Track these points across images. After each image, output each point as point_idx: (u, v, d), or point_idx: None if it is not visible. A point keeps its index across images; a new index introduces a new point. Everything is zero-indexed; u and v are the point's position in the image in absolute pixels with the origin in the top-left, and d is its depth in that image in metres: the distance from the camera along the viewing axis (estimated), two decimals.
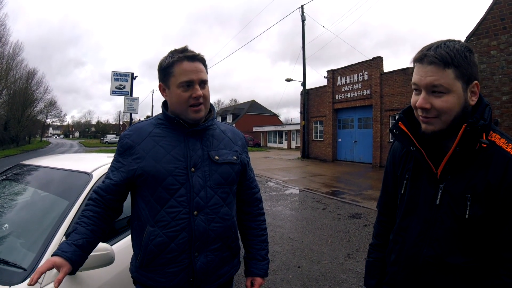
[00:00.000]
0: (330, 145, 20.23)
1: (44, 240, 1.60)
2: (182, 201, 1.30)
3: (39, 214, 1.96)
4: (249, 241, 1.57)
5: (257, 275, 1.52)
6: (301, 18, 20.90)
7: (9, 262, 1.49)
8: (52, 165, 2.42)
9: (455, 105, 1.04)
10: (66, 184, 2.08)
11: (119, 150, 1.38)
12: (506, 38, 5.91)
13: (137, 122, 1.46)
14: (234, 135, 1.53)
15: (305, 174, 13.99)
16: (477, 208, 1.04)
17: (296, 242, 5.09)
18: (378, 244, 1.41)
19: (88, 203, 1.34)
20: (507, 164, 1.02)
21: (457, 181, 1.08)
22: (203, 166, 1.35)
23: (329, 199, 8.57)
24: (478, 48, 6.28)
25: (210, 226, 1.34)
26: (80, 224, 1.27)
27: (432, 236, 1.12)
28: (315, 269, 4.06)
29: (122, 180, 1.33)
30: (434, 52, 1.03)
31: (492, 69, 6.13)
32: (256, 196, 1.61)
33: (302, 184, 11.03)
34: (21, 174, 2.44)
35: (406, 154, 1.26)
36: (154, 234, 1.29)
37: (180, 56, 1.31)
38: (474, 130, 1.02)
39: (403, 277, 1.21)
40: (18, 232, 1.83)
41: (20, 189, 2.27)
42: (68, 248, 1.19)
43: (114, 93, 13.58)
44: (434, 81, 1.02)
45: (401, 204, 1.25)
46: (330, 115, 20.22)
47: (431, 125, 1.08)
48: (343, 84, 19.20)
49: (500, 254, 1.05)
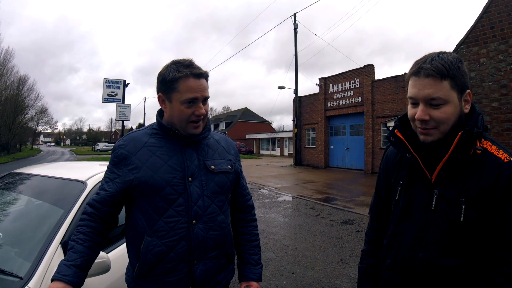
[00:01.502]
0: (322, 152, 20.38)
1: (40, 249, 1.60)
2: (181, 211, 1.31)
3: (34, 223, 1.95)
4: (243, 246, 1.59)
5: (251, 280, 1.54)
6: (294, 26, 21.19)
7: (5, 271, 1.49)
8: (46, 173, 2.40)
9: (452, 114, 1.08)
10: (60, 193, 2.07)
11: (114, 160, 1.36)
12: (495, 46, 6.07)
13: (130, 132, 1.45)
14: (227, 144, 1.55)
15: (298, 181, 14.04)
16: (471, 211, 1.08)
17: (289, 248, 5.11)
18: (371, 250, 1.43)
19: (82, 218, 1.31)
20: (499, 169, 1.06)
21: (451, 186, 1.12)
22: (200, 176, 1.36)
23: (322, 206, 8.62)
24: (468, 56, 6.43)
25: (208, 235, 1.35)
26: (77, 241, 1.25)
27: (427, 240, 1.15)
28: (309, 275, 4.08)
29: (118, 191, 1.32)
30: (430, 65, 1.05)
31: (481, 77, 6.28)
32: (249, 203, 1.64)
33: (295, 191, 11.07)
34: (15, 182, 2.42)
35: (399, 161, 1.29)
36: (152, 244, 1.28)
37: (186, 72, 1.29)
38: (469, 137, 1.07)
39: (399, 281, 1.23)
40: (13, 241, 1.81)
41: (14, 198, 2.25)
42: (68, 271, 1.18)
43: (106, 100, 13.50)
44: (432, 94, 1.05)
45: (395, 210, 1.27)
46: (322, 122, 20.40)
47: (430, 136, 1.11)
48: (335, 92, 19.44)
49: (492, 254, 1.09)
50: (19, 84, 39.78)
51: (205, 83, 1.35)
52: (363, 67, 17.60)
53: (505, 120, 5.95)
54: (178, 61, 1.35)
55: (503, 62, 5.90)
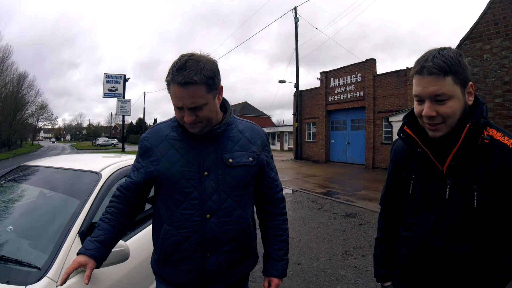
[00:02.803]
0: (323, 146, 20.42)
1: (57, 240, 1.60)
2: (195, 204, 1.33)
3: (50, 214, 1.96)
4: (267, 240, 1.56)
5: (273, 276, 1.51)
6: (294, 20, 21.08)
7: (22, 262, 1.49)
8: (57, 165, 2.41)
9: (458, 108, 1.13)
10: (75, 184, 2.08)
11: (139, 151, 1.45)
12: (499, 42, 6.10)
13: (156, 124, 1.50)
14: (252, 134, 1.48)
15: (299, 175, 14.11)
16: (483, 197, 1.15)
17: (294, 240, 5.19)
18: (383, 237, 1.52)
19: (111, 200, 1.42)
20: (506, 155, 1.13)
21: (462, 175, 1.18)
22: (216, 170, 1.35)
23: (324, 199, 8.69)
24: (472, 51, 6.46)
25: (223, 229, 1.35)
26: (103, 220, 1.35)
27: (443, 228, 1.21)
28: (315, 265, 4.16)
29: (142, 180, 1.40)
30: (432, 62, 1.09)
31: (485, 73, 6.32)
32: (277, 196, 1.56)
33: (296, 185, 11.13)
34: (26, 175, 2.41)
35: (409, 157, 1.34)
36: (169, 233, 1.35)
37: (174, 77, 1.22)
38: (477, 128, 1.12)
39: (417, 268, 1.30)
40: (31, 233, 1.82)
41: (26, 190, 2.25)
42: (91, 246, 1.27)
43: (106, 95, 13.44)
44: (437, 91, 1.10)
45: (410, 203, 1.34)
46: (323, 117, 20.41)
47: (438, 131, 1.16)
48: (336, 86, 19.42)
49: (502, 236, 1.17)
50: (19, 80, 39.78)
51: (193, 91, 1.22)
52: (364, 62, 17.55)
53: (508, 117, 6.01)
54: (177, 60, 1.26)
55: (507, 58, 5.93)
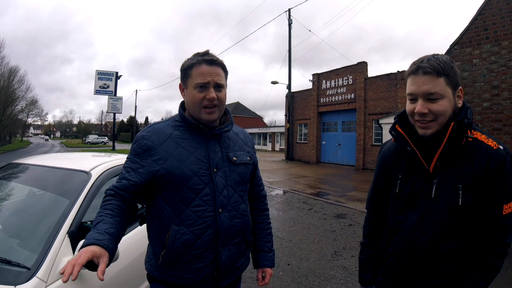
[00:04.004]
0: (314, 147, 20.53)
1: (47, 239, 1.58)
2: (207, 200, 1.35)
3: (39, 213, 1.93)
4: (257, 234, 1.66)
5: (266, 266, 1.63)
6: (288, 22, 21.15)
7: (12, 262, 1.47)
8: (47, 164, 2.36)
9: (448, 108, 1.20)
10: (65, 183, 2.04)
11: (137, 151, 1.38)
12: (488, 47, 6.22)
13: (153, 123, 1.48)
14: (245, 137, 1.62)
15: (290, 175, 14.16)
16: (468, 196, 1.20)
17: (284, 241, 5.21)
18: (369, 243, 1.54)
19: (107, 199, 1.31)
20: (489, 156, 1.19)
21: (448, 174, 1.24)
22: (223, 167, 1.42)
23: (314, 200, 8.74)
24: (461, 56, 6.58)
25: (233, 222, 1.41)
26: (106, 215, 1.23)
27: (428, 226, 1.26)
28: (304, 266, 4.18)
29: (143, 181, 1.34)
30: (428, 64, 1.18)
31: (474, 77, 6.44)
32: (262, 193, 1.73)
33: (287, 186, 11.17)
34: (16, 173, 2.36)
35: (397, 157, 1.40)
36: (180, 233, 1.32)
37: (199, 59, 1.37)
38: (461, 127, 1.18)
39: (401, 265, 1.34)
40: (19, 232, 1.79)
41: (15, 188, 2.21)
42: (102, 237, 1.13)
43: (98, 92, 13.33)
44: (431, 89, 1.17)
45: (396, 201, 1.38)
46: (314, 118, 20.53)
47: (429, 129, 1.22)
48: (328, 88, 19.56)
49: (485, 235, 1.21)
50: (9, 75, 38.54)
51: (218, 69, 1.40)
52: (356, 64, 17.72)
53: (496, 120, 6.14)
54: (197, 52, 1.43)
55: (496, 63, 6.06)
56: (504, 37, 5.98)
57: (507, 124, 6.00)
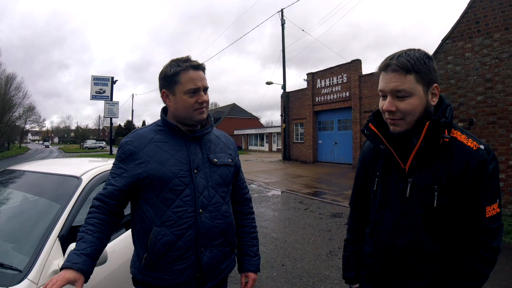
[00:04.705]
0: (310, 147, 20.52)
1: (38, 243, 1.64)
2: (188, 201, 1.38)
3: (31, 218, 1.99)
4: (241, 238, 1.66)
5: (250, 271, 1.62)
6: (281, 22, 21.14)
7: (4, 265, 1.52)
8: (41, 170, 2.43)
9: (418, 106, 1.16)
10: (56, 188, 2.11)
11: (121, 156, 1.43)
12: (480, 40, 6.18)
13: (136, 129, 1.52)
14: (227, 140, 1.65)
15: (287, 175, 14.13)
16: (444, 197, 1.16)
17: (279, 241, 5.16)
18: (352, 239, 1.53)
19: (91, 211, 1.36)
20: (468, 156, 1.14)
21: (424, 174, 1.20)
22: (204, 168, 1.45)
23: (311, 200, 8.73)
24: (453, 50, 6.54)
25: (214, 223, 1.43)
26: (86, 232, 1.29)
27: (405, 226, 1.22)
28: (299, 266, 4.15)
29: (126, 185, 1.38)
30: (396, 61, 1.14)
31: (467, 71, 6.40)
32: (246, 196, 1.73)
33: (284, 186, 11.16)
34: (11, 179, 2.44)
35: (375, 155, 1.38)
36: (161, 234, 1.34)
37: (186, 65, 1.42)
38: (437, 126, 1.13)
39: (381, 267, 1.30)
40: (11, 236, 1.85)
41: (11, 194, 2.28)
42: (78, 259, 1.20)
43: (94, 97, 13.38)
44: (398, 87, 1.14)
45: (374, 200, 1.35)
46: (310, 117, 20.53)
47: (398, 126, 1.19)
48: (322, 87, 19.57)
49: (467, 238, 1.16)
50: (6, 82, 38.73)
51: (203, 74, 1.46)
52: (350, 62, 17.75)
53: (490, 114, 6.08)
54: (176, 58, 1.47)
55: (488, 56, 6.01)
56: (495, 29, 5.94)
57: (502, 117, 5.96)
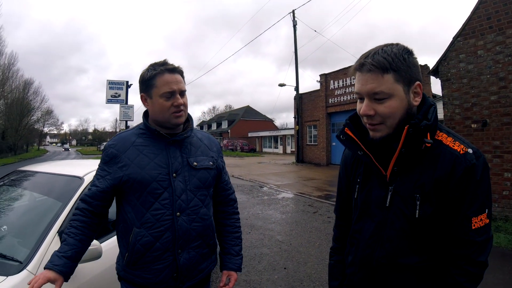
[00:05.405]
0: (324, 149, 20.33)
1: (38, 237, 1.79)
2: (166, 204, 1.42)
3: (35, 215, 2.15)
4: (224, 237, 1.69)
5: (231, 269, 1.64)
6: (293, 23, 21.09)
7: (6, 256, 1.69)
8: (47, 170, 2.61)
9: (398, 108, 1.04)
10: (60, 188, 2.26)
11: (104, 159, 1.48)
12: (492, 37, 5.91)
13: (120, 132, 1.57)
14: (210, 142, 1.66)
15: (299, 178, 14.05)
16: (427, 207, 1.05)
17: (284, 244, 5.12)
18: (337, 248, 1.45)
19: (75, 213, 1.43)
20: (454, 162, 1.03)
21: (406, 181, 1.09)
22: (183, 172, 1.47)
23: (321, 203, 8.64)
24: (465, 48, 6.29)
25: (191, 226, 1.46)
26: (69, 235, 1.37)
27: (383, 237, 1.13)
28: (301, 270, 4.11)
29: (109, 187, 1.44)
30: (372, 59, 1.03)
31: (479, 69, 6.13)
32: (231, 197, 1.75)
33: (295, 189, 11.10)
34: (19, 179, 2.63)
35: (356, 160, 1.28)
36: (140, 235, 1.40)
37: (161, 68, 1.44)
38: (417, 130, 1.03)
39: (360, 278, 1.22)
40: (16, 231, 2.02)
41: (19, 193, 2.46)
42: (59, 261, 1.30)
43: (109, 101, 13.75)
44: (375, 88, 1.03)
45: (355, 208, 1.27)
46: (323, 119, 20.36)
47: (378, 132, 1.09)
48: (336, 88, 19.39)
49: (451, 251, 1.06)
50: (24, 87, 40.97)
51: (179, 77, 1.47)
52: None
53: (504, 114, 5.81)
54: (154, 62, 1.50)
55: (501, 53, 5.74)
56: (508, 25, 5.68)
57: None
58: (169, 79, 1.43)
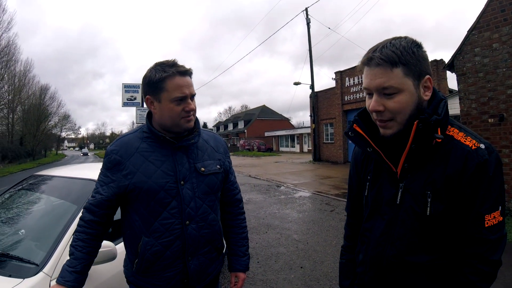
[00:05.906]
0: (341, 147, 20.13)
1: (54, 240, 1.83)
2: (175, 213, 1.38)
3: (51, 218, 2.21)
4: (231, 238, 1.68)
5: (238, 270, 1.64)
6: (306, 21, 20.99)
7: (23, 259, 1.73)
8: (64, 174, 2.68)
9: (408, 103, 1.01)
10: (76, 191, 2.32)
11: (107, 165, 1.41)
12: (507, 30, 5.78)
13: (121, 136, 1.49)
14: (216, 143, 1.59)
15: (316, 177, 13.98)
16: (438, 204, 1.03)
17: (300, 243, 5.16)
18: (349, 246, 1.43)
19: (80, 224, 1.38)
20: (466, 157, 1.00)
21: (416, 178, 1.07)
22: (191, 179, 1.42)
23: (338, 201, 8.58)
24: (480, 42, 6.18)
25: (201, 233, 1.44)
26: (76, 248, 1.33)
27: (394, 236, 1.11)
28: (318, 269, 4.13)
29: (113, 195, 1.38)
30: (380, 53, 1.00)
31: (495, 63, 6.01)
32: (237, 197, 1.71)
33: (312, 187, 11.05)
34: (36, 183, 2.71)
35: (367, 157, 1.26)
36: (150, 244, 1.37)
37: (173, 71, 1.33)
38: (427, 125, 1.00)
39: (370, 277, 1.20)
40: (33, 234, 2.07)
41: (35, 197, 2.54)
42: (70, 277, 1.29)
43: (125, 104, 13.91)
44: (384, 83, 1.00)
45: (365, 206, 1.26)
46: (339, 117, 20.15)
47: (389, 129, 1.06)
48: (351, 85, 19.15)
49: (463, 249, 1.04)
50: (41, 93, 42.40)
51: (190, 80, 1.39)
52: None
53: None
54: (162, 62, 1.38)
55: None
56: None
57: None
58: (181, 82, 1.34)
